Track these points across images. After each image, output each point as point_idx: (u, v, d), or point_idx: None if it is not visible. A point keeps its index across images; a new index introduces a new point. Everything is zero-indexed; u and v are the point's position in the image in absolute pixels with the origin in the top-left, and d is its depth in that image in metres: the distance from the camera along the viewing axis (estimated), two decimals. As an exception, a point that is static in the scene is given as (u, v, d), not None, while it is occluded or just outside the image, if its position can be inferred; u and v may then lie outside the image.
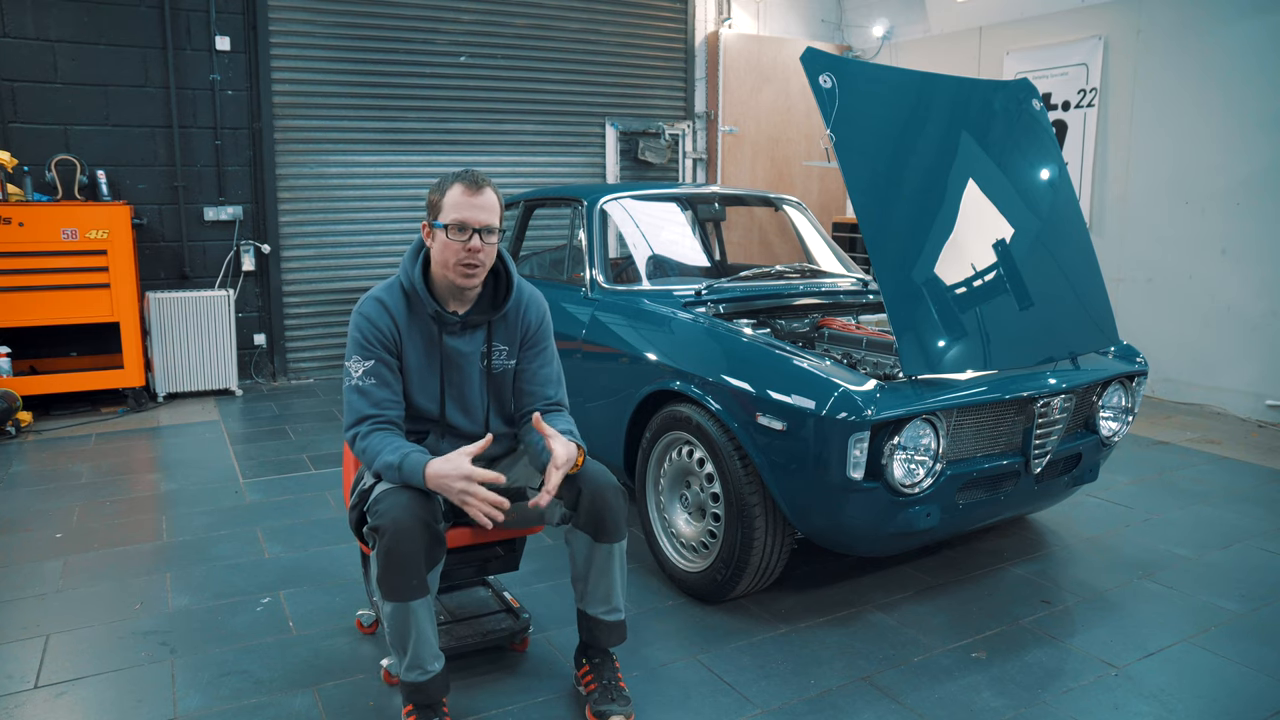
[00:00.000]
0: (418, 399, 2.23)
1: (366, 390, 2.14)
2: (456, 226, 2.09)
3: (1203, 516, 3.73)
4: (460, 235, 2.10)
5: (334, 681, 2.39)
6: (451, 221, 2.10)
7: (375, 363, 2.15)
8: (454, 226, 2.10)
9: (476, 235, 2.10)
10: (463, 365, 2.24)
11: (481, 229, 2.11)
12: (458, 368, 2.24)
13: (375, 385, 2.14)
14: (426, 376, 2.22)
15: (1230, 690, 2.40)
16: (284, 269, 6.18)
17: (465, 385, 2.26)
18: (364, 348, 2.15)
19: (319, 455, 4.47)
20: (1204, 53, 5.46)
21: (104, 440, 4.75)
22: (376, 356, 2.15)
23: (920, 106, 2.97)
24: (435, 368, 2.22)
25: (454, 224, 2.10)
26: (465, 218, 2.09)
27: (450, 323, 2.20)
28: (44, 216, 4.95)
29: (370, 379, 2.14)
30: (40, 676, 2.41)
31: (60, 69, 5.37)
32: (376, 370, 2.15)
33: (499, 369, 2.30)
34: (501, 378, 2.31)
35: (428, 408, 2.24)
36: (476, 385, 2.28)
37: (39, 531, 3.45)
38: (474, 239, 2.10)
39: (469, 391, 2.27)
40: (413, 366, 2.20)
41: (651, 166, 7.43)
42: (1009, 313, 2.84)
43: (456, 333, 2.23)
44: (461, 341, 2.24)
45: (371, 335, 2.15)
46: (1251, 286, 5.32)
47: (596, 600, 2.23)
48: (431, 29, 6.41)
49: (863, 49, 7.97)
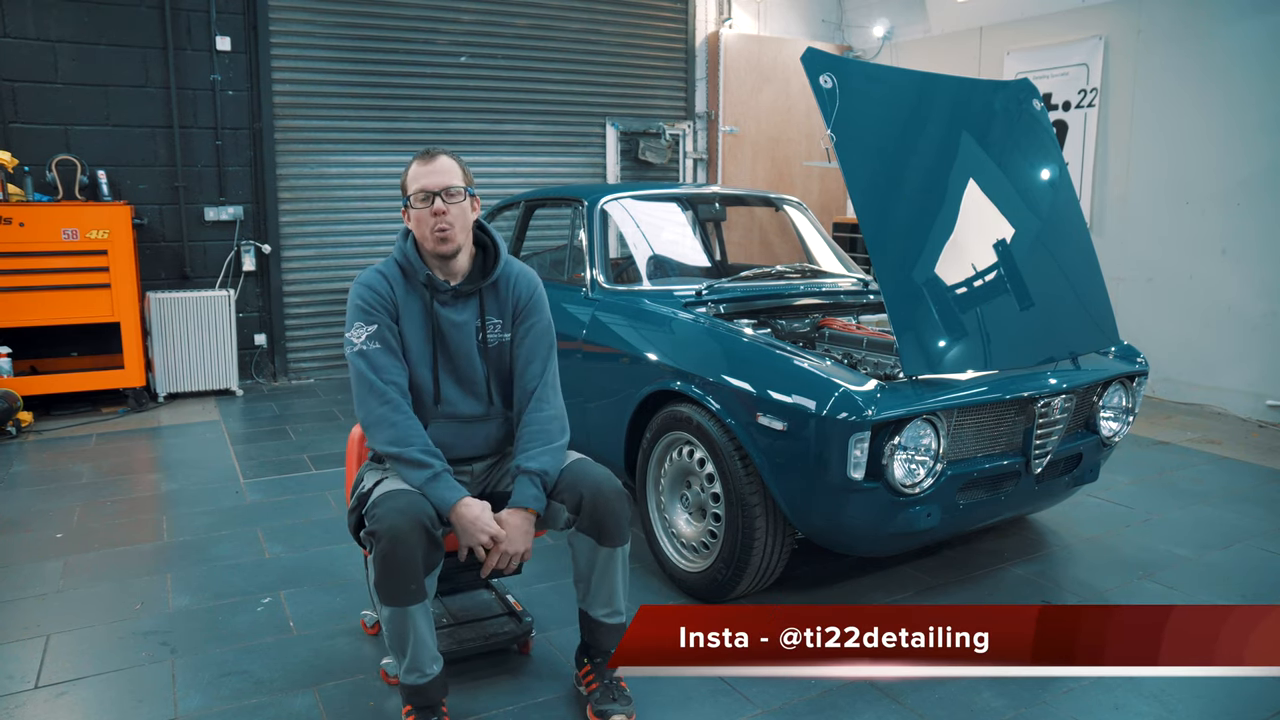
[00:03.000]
0: (414, 369, 2.24)
1: (370, 354, 2.16)
2: (420, 196, 2.18)
3: (1203, 517, 3.73)
4: (425, 203, 2.17)
5: (334, 682, 2.40)
6: (414, 192, 2.19)
7: (378, 327, 2.18)
8: (417, 196, 2.18)
9: (437, 199, 2.17)
10: (456, 337, 2.26)
11: (440, 191, 2.17)
12: (451, 339, 2.26)
13: (380, 350, 2.17)
14: (420, 346, 2.24)
15: (1230, 690, 2.39)
16: (284, 269, 6.18)
17: (460, 359, 2.27)
18: (365, 313, 2.18)
19: (319, 455, 4.47)
20: (1204, 53, 5.46)
21: (104, 440, 4.75)
22: (379, 321, 2.18)
23: (921, 107, 2.97)
24: (428, 336, 2.25)
25: (416, 193, 2.18)
26: (424, 185, 2.18)
27: (442, 289, 2.24)
28: (44, 216, 4.95)
29: (374, 343, 2.17)
30: (41, 676, 2.42)
31: (61, 69, 5.37)
32: (380, 335, 2.18)
33: (494, 342, 2.31)
34: (499, 352, 2.32)
35: (424, 381, 2.24)
36: (475, 360, 2.28)
37: (39, 531, 3.46)
38: (436, 201, 2.17)
39: (465, 366, 2.27)
40: (408, 335, 2.23)
41: (652, 166, 7.43)
42: (1009, 313, 2.83)
43: (448, 301, 2.26)
44: (454, 312, 2.26)
45: (373, 300, 2.19)
46: (1252, 286, 5.32)
47: (599, 602, 2.23)
48: (432, 29, 6.41)
49: (863, 49, 7.97)
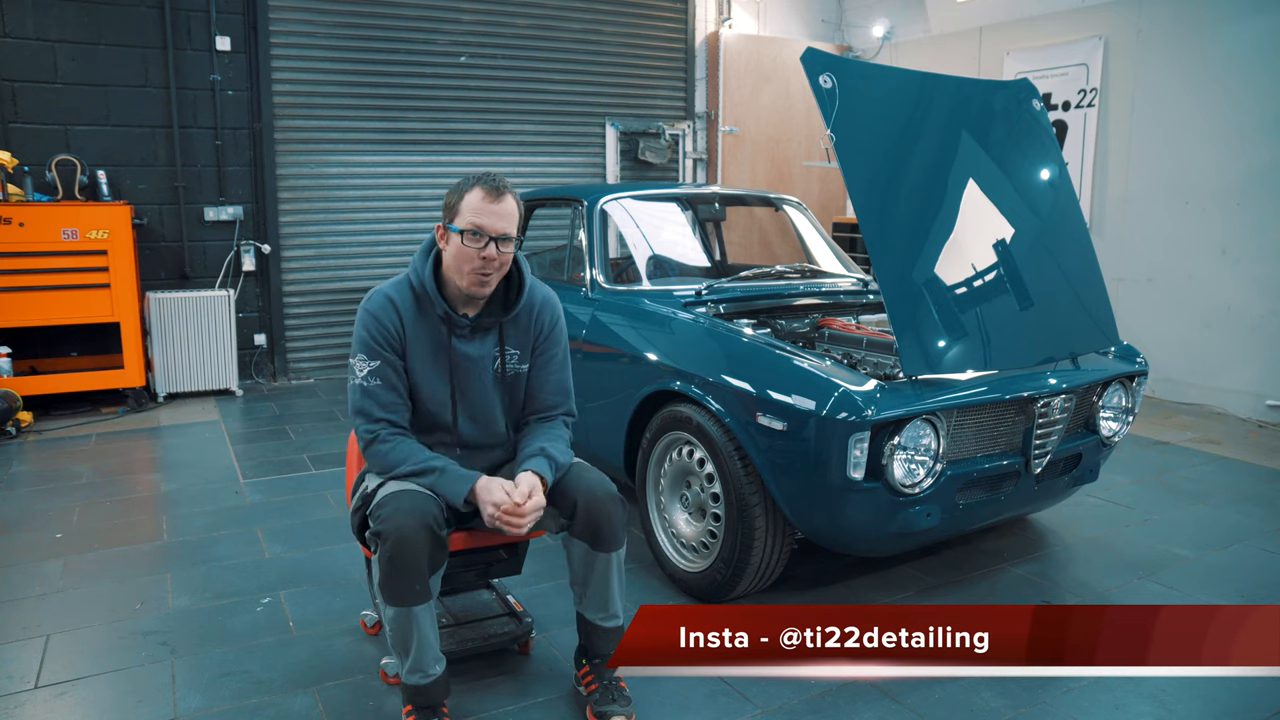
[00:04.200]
0: (428, 405, 2.17)
1: (371, 391, 2.10)
2: (472, 232, 2.02)
3: (1203, 517, 3.73)
4: (476, 242, 2.02)
5: (334, 682, 2.40)
6: (468, 227, 2.02)
7: (381, 364, 2.10)
8: (469, 232, 2.02)
9: (494, 244, 2.03)
10: (472, 371, 2.18)
11: (499, 237, 2.03)
12: (467, 374, 2.18)
13: (380, 387, 2.10)
14: (435, 383, 2.16)
15: (1230, 690, 2.39)
16: (284, 269, 6.17)
17: (476, 393, 2.20)
18: (369, 347, 2.10)
19: (319, 455, 4.47)
20: (1204, 53, 5.46)
21: (104, 440, 4.75)
22: (382, 358, 2.10)
23: (921, 107, 2.97)
24: (444, 374, 2.16)
25: (470, 229, 2.02)
26: (483, 224, 2.02)
27: (460, 326, 2.14)
28: (44, 216, 4.95)
29: (375, 379, 2.10)
30: (40, 676, 2.42)
31: (61, 69, 5.37)
32: (381, 371, 2.10)
33: (511, 373, 2.23)
34: (514, 382, 2.25)
35: (439, 415, 2.19)
36: (490, 392, 2.21)
37: (39, 531, 3.45)
38: (490, 247, 2.03)
39: (481, 400, 2.21)
40: (417, 369, 2.14)
41: (652, 166, 7.43)
42: (1009, 313, 2.83)
43: (466, 336, 2.16)
44: (471, 346, 2.17)
45: (378, 334, 2.10)
46: (1252, 286, 5.32)
47: (595, 606, 2.23)
48: (432, 29, 6.41)
49: (863, 49, 7.97)
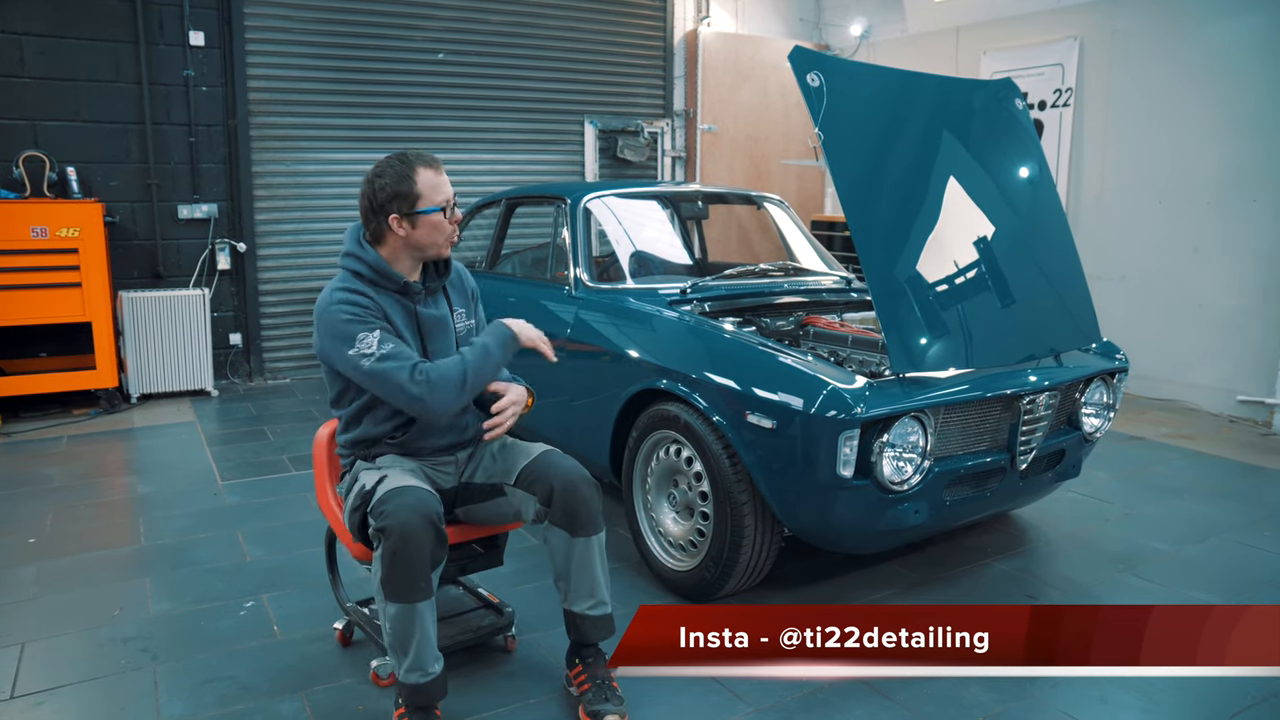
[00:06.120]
0: None
1: (390, 354, 2.07)
2: (449, 206, 2.19)
3: (1179, 511, 3.79)
4: (450, 212, 2.20)
5: (322, 686, 2.36)
6: (442, 203, 2.17)
7: (381, 331, 2.10)
8: (447, 205, 2.19)
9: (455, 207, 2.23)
10: (438, 331, 2.27)
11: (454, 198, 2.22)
12: (436, 335, 2.27)
13: (394, 347, 2.09)
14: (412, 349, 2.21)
15: (1210, 680, 2.42)
16: (260, 268, 6.09)
17: (444, 353, 2.26)
18: (362, 322, 2.10)
19: (299, 456, 4.41)
20: (1178, 55, 5.54)
21: (76, 442, 4.66)
22: (379, 325, 2.12)
23: (908, 105, 2.98)
24: (416, 339, 2.23)
25: (445, 204, 2.18)
26: (448, 194, 2.19)
27: (417, 291, 2.24)
28: (12, 214, 4.84)
29: (386, 344, 2.08)
30: (16, 686, 2.36)
31: (28, 63, 5.24)
32: (386, 337, 2.10)
33: (463, 329, 2.34)
34: (466, 338, 2.34)
35: None
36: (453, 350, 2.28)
37: (11, 536, 3.38)
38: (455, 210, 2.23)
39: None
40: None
41: (630, 164, 7.41)
42: (994, 311, 2.86)
43: (424, 300, 2.26)
44: (431, 309, 2.28)
45: (364, 306, 2.12)
46: (1222, 284, 5.41)
47: (581, 596, 2.23)
48: (409, 25, 6.34)
49: (841, 48, 8.00)
